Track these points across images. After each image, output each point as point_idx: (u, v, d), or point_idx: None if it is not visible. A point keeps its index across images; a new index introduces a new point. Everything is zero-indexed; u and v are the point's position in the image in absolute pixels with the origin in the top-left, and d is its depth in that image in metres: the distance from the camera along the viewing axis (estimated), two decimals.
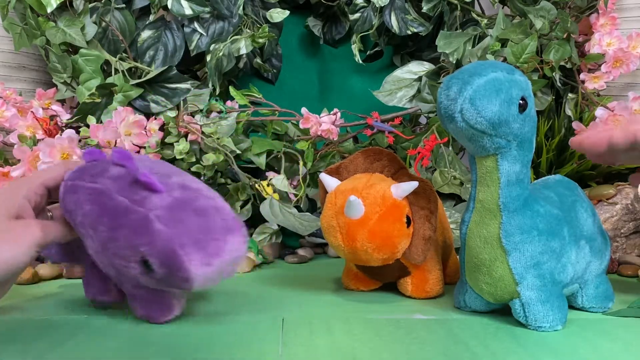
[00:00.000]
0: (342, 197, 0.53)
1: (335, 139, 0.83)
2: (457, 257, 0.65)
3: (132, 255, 0.43)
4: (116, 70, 0.77)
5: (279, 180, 0.78)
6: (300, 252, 0.82)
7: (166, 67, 0.77)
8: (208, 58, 0.82)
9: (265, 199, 0.77)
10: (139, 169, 0.44)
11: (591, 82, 0.80)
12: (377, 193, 0.52)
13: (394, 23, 0.92)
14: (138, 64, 0.79)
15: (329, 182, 0.56)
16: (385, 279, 0.60)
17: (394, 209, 0.52)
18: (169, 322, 0.48)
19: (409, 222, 0.54)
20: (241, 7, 0.85)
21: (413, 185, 0.53)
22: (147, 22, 0.82)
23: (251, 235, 0.80)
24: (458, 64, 0.84)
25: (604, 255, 0.53)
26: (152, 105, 0.77)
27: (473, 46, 0.85)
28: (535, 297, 0.47)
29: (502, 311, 0.51)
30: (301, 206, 0.82)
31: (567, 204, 0.51)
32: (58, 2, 0.74)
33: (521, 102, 0.43)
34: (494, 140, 0.44)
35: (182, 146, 0.74)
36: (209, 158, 0.74)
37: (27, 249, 0.45)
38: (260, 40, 0.85)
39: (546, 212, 0.48)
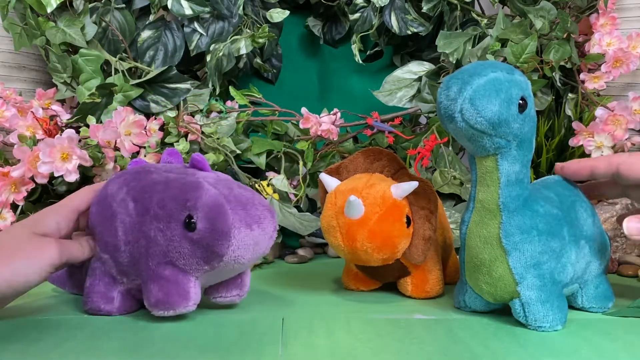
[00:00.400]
0: (342, 197, 0.53)
1: (335, 139, 0.83)
2: (457, 257, 0.65)
3: (176, 211, 0.46)
4: (116, 70, 0.77)
5: (279, 180, 0.78)
6: (300, 252, 0.82)
7: (166, 67, 0.77)
8: (208, 58, 0.82)
9: (265, 199, 0.77)
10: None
11: (591, 82, 0.79)
12: (377, 193, 0.53)
13: (394, 23, 0.92)
14: (138, 64, 0.79)
15: (329, 182, 0.56)
16: (385, 279, 0.60)
17: (394, 209, 0.52)
18: (182, 316, 0.48)
19: (408, 222, 0.54)
20: (241, 7, 0.85)
21: (413, 185, 0.53)
22: (147, 22, 0.82)
23: None
24: (458, 64, 0.84)
25: (604, 255, 0.53)
26: (152, 105, 0.77)
27: (473, 46, 0.85)
28: (535, 297, 0.47)
29: (502, 311, 0.51)
30: (301, 206, 0.82)
31: (566, 204, 0.51)
32: (58, 2, 0.74)
33: (521, 102, 0.43)
34: (493, 140, 0.44)
35: (182, 146, 0.74)
36: (209, 158, 0.74)
37: (42, 267, 0.46)
38: (260, 40, 0.85)
39: (546, 212, 0.48)
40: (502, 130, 0.43)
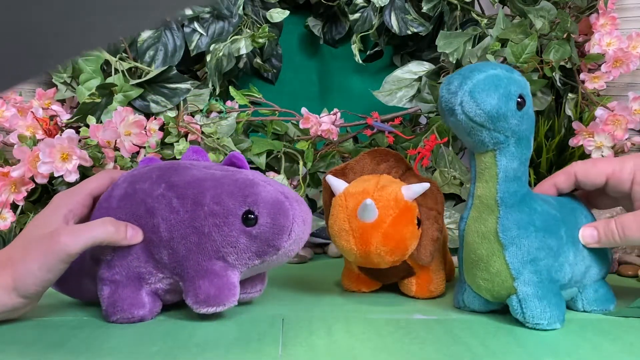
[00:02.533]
0: (354, 200, 0.52)
1: (335, 139, 0.83)
2: (451, 255, 0.65)
3: (234, 207, 0.46)
4: (116, 70, 0.77)
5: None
6: (300, 252, 0.82)
7: (166, 67, 0.77)
8: (208, 58, 0.82)
9: None
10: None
11: (591, 82, 0.79)
12: (389, 195, 0.52)
13: (394, 23, 0.92)
14: (138, 64, 0.79)
15: (336, 184, 0.55)
16: (390, 279, 0.59)
17: (406, 211, 0.52)
18: (225, 309, 0.47)
19: (419, 224, 0.53)
20: (241, 7, 0.85)
21: (424, 186, 0.53)
22: None
23: None
24: (458, 64, 0.84)
25: (605, 261, 0.53)
26: (152, 105, 0.77)
27: (473, 46, 0.85)
28: (532, 292, 0.47)
29: (502, 311, 0.51)
30: None
31: (566, 209, 0.51)
32: None
33: (519, 99, 0.44)
34: (492, 135, 0.45)
35: (182, 146, 0.74)
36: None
37: (54, 261, 0.45)
38: (260, 40, 0.85)
39: (543, 210, 0.48)
40: (501, 124, 0.44)
